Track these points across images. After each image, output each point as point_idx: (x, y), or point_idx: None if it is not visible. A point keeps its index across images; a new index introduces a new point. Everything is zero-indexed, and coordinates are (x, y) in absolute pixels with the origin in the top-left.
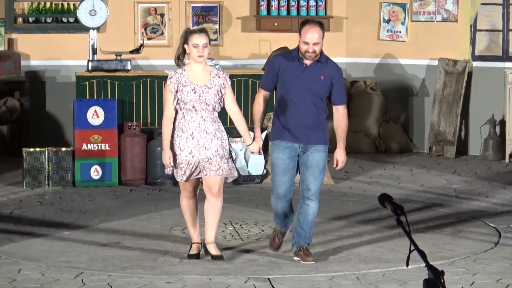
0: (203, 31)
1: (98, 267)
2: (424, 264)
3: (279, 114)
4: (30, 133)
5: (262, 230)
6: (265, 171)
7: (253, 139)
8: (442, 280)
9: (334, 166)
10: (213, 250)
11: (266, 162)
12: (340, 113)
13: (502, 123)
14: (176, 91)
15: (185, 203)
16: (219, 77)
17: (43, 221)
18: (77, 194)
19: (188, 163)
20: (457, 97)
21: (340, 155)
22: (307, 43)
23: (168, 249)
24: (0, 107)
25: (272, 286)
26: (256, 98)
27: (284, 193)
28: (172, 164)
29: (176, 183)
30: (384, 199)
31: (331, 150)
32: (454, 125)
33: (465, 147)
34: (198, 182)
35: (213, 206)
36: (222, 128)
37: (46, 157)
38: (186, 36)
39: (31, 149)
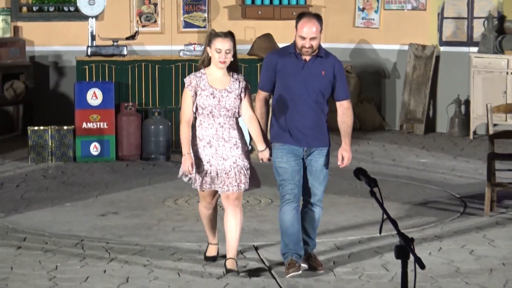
0: (227, 35)
1: (97, 235)
2: (396, 232)
3: (278, 115)
4: (35, 113)
5: (247, 201)
6: (250, 147)
7: (267, 146)
8: (412, 247)
9: (339, 163)
10: (230, 265)
11: (251, 139)
12: (344, 107)
13: (467, 102)
14: (195, 95)
15: (204, 211)
16: (239, 82)
17: (46, 193)
18: (77, 168)
19: (206, 172)
20: (426, 79)
21: (346, 151)
22: (303, 38)
23: (162, 218)
24: (7, 89)
25: (257, 252)
26: (256, 102)
27: (296, 196)
28: (194, 171)
29: (168, 158)
30: (359, 172)
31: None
32: (423, 105)
33: (433, 125)
34: (216, 191)
35: (232, 220)
36: (244, 136)
37: (49, 134)
38: (210, 38)
39: (36, 128)
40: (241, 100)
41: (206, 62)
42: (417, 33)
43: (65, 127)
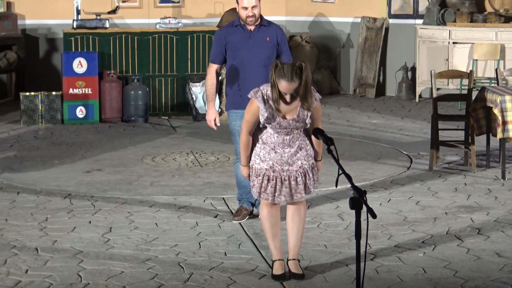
0: (293, 77)
1: (83, 190)
2: (350, 185)
3: (231, 83)
4: (26, 80)
5: (218, 158)
6: (219, 109)
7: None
8: (364, 198)
9: None
10: (293, 267)
11: (220, 102)
12: None
13: (413, 69)
14: (265, 119)
15: (266, 211)
16: (308, 109)
17: (37, 152)
18: (65, 130)
19: (269, 179)
20: (376, 48)
21: None
22: (246, 8)
23: (141, 174)
24: (0, 59)
25: (226, 204)
26: (208, 73)
27: None
28: (258, 179)
29: (146, 120)
30: (318, 132)
31: None
32: (374, 71)
33: (383, 89)
34: None
35: (295, 214)
36: (306, 137)
37: (40, 99)
38: (275, 78)
39: (27, 93)
40: (306, 122)
41: (276, 96)
42: (368, 7)
43: (53, 93)
